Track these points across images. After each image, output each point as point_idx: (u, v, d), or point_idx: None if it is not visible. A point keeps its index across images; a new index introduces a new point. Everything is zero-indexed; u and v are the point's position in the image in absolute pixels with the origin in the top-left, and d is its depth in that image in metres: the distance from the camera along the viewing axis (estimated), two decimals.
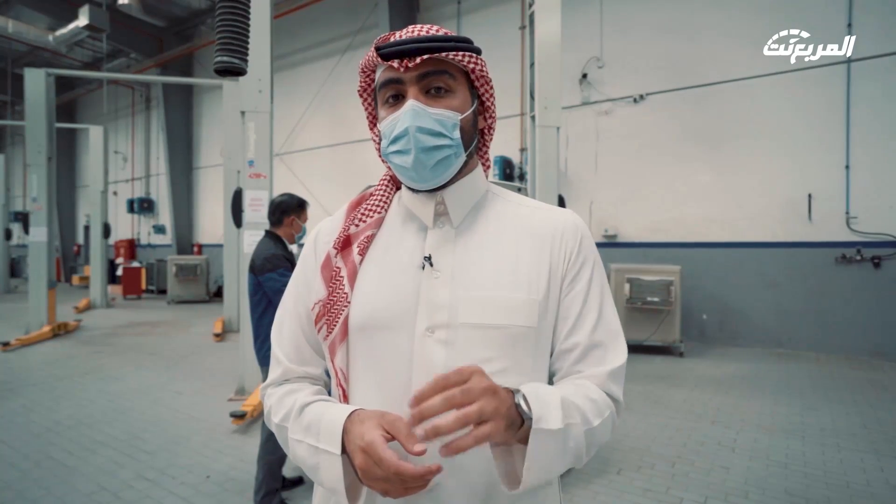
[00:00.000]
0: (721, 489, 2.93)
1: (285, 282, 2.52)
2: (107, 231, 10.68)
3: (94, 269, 10.84)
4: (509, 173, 8.34)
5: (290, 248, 2.76)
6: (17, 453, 3.42)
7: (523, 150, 8.37)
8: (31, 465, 3.25)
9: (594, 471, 3.15)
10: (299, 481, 2.99)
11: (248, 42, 3.22)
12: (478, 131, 0.84)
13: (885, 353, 6.02)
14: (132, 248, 14.54)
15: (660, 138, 7.43)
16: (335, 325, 0.78)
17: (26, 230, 8.69)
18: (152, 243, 15.19)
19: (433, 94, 0.76)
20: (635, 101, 7.59)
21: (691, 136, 7.22)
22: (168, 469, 3.19)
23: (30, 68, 7.54)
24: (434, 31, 0.76)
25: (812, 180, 6.45)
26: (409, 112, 0.74)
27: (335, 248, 0.82)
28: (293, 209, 2.76)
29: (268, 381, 0.87)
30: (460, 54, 0.76)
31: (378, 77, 0.80)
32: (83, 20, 10.38)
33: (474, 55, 0.78)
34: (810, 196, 6.45)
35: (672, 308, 6.26)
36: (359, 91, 0.85)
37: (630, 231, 7.70)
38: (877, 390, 4.82)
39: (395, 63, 0.74)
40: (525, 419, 0.64)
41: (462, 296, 0.76)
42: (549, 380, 0.83)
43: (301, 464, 0.75)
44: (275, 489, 2.66)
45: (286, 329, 0.87)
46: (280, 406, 0.81)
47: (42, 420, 4.05)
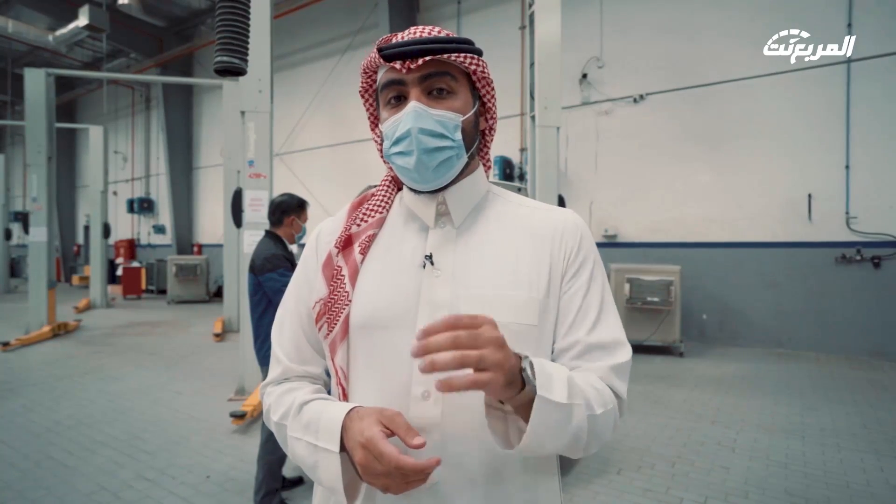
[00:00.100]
0: (721, 489, 2.93)
1: (285, 282, 2.52)
2: (107, 231, 10.68)
3: (94, 269, 10.85)
4: (509, 173, 8.33)
5: (290, 248, 2.76)
6: (17, 453, 3.42)
7: (523, 150, 8.37)
8: (31, 465, 3.25)
9: (594, 471, 3.15)
10: (299, 481, 3.00)
11: (248, 42, 3.22)
12: (479, 132, 0.84)
13: (885, 353, 6.02)
14: (132, 248, 14.54)
15: (660, 138, 7.43)
16: (336, 324, 0.79)
17: (26, 230, 8.69)
18: (152, 243, 15.19)
19: (435, 95, 0.76)
20: (635, 101, 7.59)
21: (691, 136, 7.22)
22: (168, 469, 3.19)
23: (30, 68, 7.54)
24: (436, 33, 0.76)
25: (812, 180, 6.45)
26: (412, 113, 0.74)
27: (337, 248, 0.83)
28: (293, 209, 2.76)
29: (267, 379, 0.87)
30: (462, 56, 0.76)
31: (380, 78, 0.80)
32: (83, 20, 10.38)
33: (476, 57, 0.78)
34: (810, 196, 6.45)
35: (672, 308, 6.26)
36: (360, 92, 0.86)
37: (630, 231, 7.70)
38: (877, 390, 4.83)
39: (397, 64, 0.74)
40: (527, 384, 0.63)
41: (462, 294, 0.76)
42: None
43: (300, 462, 0.75)
44: (275, 489, 2.66)
45: (287, 328, 0.88)
46: (279, 404, 0.81)
47: (42, 420, 4.05)
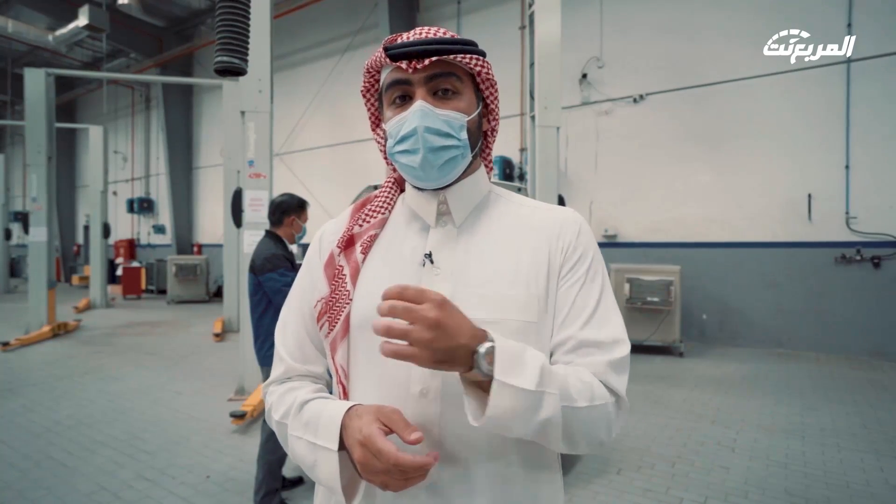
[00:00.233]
0: (721, 489, 2.93)
1: (285, 282, 2.52)
2: (107, 231, 10.68)
3: (94, 269, 10.85)
4: (509, 173, 8.33)
5: (290, 248, 2.76)
6: (17, 453, 3.42)
7: (523, 150, 8.37)
8: (31, 465, 3.25)
9: (594, 471, 3.15)
10: (299, 481, 3.00)
11: (248, 42, 3.22)
12: (481, 133, 0.85)
13: (885, 353, 6.02)
14: (132, 248, 14.53)
15: (660, 138, 7.43)
16: (336, 323, 0.80)
17: (26, 230, 8.69)
18: (152, 243, 15.19)
19: (440, 95, 0.77)
20: (635, 101, 7.59)
21: (691, 136, 7.22)
22: (168, 469, 3.19)
23: (30, 68, 7.54)
24: (441, 34, 0.77)
25: (812, 180, 6.45)
26: (418, 112, 0.75)
27: (338, 247, 0.84)
28: (293, 209, 2.76)
29: (270, 378, 0.88)
30: (467, 57, 0.77)
31: (384, 78, 0.80)
32: (83, 20, 10.38)
33: (481, 58, 0.79)
34: (810, 196, 6.45)
35: (672, 308, 6.26)
36: (362, 91, 0.86)
37: (630, 231, 7.70)
38: (877, 390, 4.83)
39: (403, 64, 0.75)
40: (475, 367, 0.63)
41: (462, 292, 0.76)
42: None
43: (300, 461, 0.75)
44: (275, 489, 2.66)
45: (290, 327, 0.88)
46: (280, 403, 0.82)
47: (42, 420, 4.05)
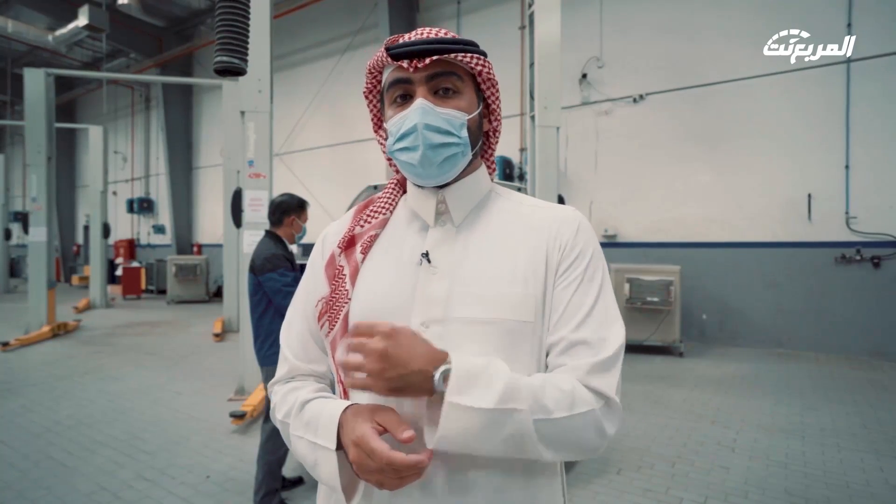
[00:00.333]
0: (721, 489, 2.93)
1: (285, 282, 2.52)
2: (106, 231, 10.68)
3: (94, 269, 10.85)
4: (509, 173, 8.33)
5: (291, 248, 2.76)
6: (17, 453, 3.41)
7: (523, 150, 8.37)
8: (31, 465, 3.25)
9: (594, 471, 3.15)
10: (299, 481, 2.99)
11: (247, 42, 3.22)
12: (483, 133, 0.85)
13: (885, 353, 6.02)
14: (132, 248, 14.53)
15: (660, 138, 7.43)
16: (336, 322, 0.80)
17: (26, 230, 8.68)
18: (152, 243, 15.19)
19: (441, 94, 0.78)
20: (635, 101, 7.59)
21: (691, 136, 7.22)
22: (168, 469, 3.19)
23: (29, 68, 7.54)
24: (443, 34, 0.78)
25: (812, 180, 6.45)
26: (419, 110, 0.75)
27: (339, 248, 0.85)
28: (293, 209, 2.76)
29: (275, 378, 0.89)
30: (468, 56, 0.78)
31: (386, 77, 0.81)
32: (83, 20, 10.38)
33: (482, 58, 0.79)
34: (810, 196, 6.45)
35: (672, 308, 6.26)
36: (364, 92, 0.87)
37: (630, 231, 7.70)
38: (877, 390, 4.83)
39: (404, 63, 0.76)
40: (436, 390, 0.65)
41: (458, 291, 0.76)
42: None
43: (302, 460, 0.76)
44: (275, 489, 2.66)
45: (294, 327, 0.89)
46: (283, 403, 0.83)
47: (42, 420, 4.04)
